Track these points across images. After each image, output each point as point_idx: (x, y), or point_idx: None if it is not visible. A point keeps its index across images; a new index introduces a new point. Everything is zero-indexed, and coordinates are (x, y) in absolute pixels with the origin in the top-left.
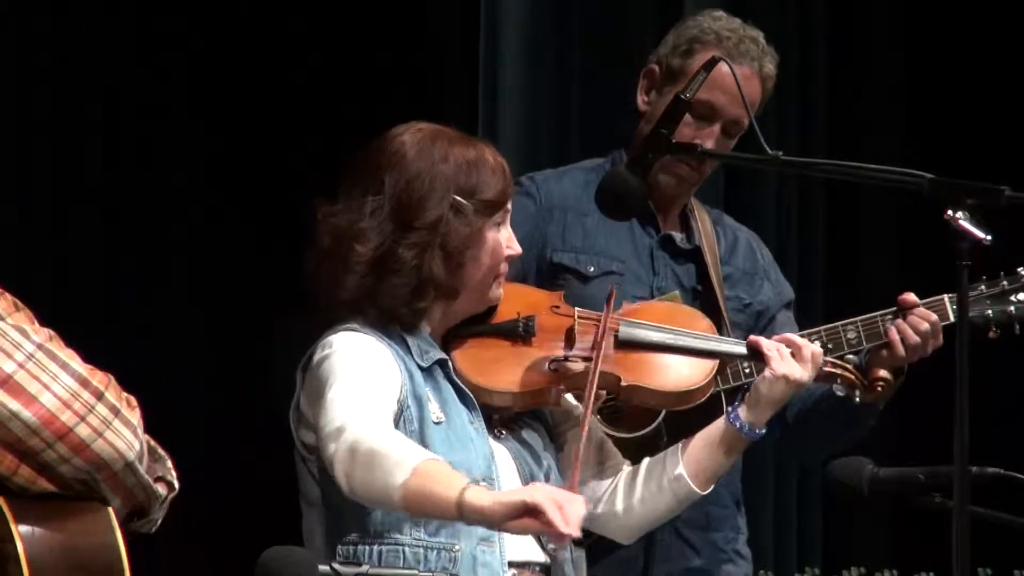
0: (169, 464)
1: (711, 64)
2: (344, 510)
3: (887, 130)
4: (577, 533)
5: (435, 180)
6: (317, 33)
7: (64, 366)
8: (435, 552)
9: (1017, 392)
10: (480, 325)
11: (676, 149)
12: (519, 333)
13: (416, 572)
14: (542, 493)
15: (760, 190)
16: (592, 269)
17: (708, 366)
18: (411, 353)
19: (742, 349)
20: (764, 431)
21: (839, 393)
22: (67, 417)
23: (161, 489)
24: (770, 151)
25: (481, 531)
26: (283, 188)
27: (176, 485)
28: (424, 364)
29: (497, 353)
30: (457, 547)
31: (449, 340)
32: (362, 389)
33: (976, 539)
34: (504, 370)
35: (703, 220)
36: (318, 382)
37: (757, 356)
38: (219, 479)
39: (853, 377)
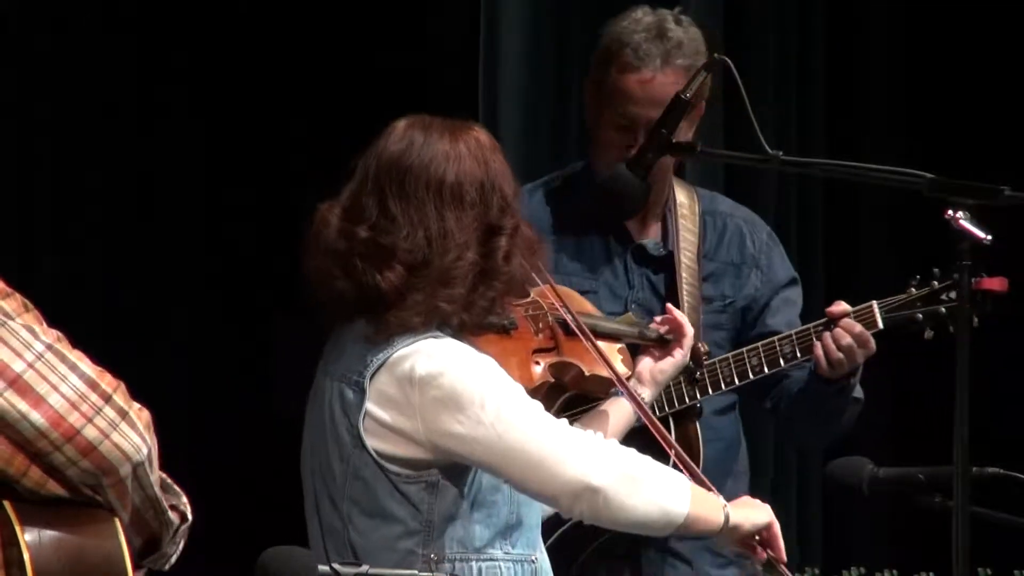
0: (184, 498)
1: (711, 64)
2: (445, 528)
3: (887, 130)
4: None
5: (499, 181)
6: (317, 33)
7: (73, 367)
8: (521, 564)
9: (1017, 392)
10: None
11: (676, 148)
12: (505, 327)
13: (415, 573)
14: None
15: (760, 190)
16: None
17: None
18: None
19: (653, 334)
20: None
21: None
22: (74, 419)
23: (174, 516)
24: (770, 151)
25: (539, 539)
26: (283, 188)
27: (189, 517)
28: None
29: (497, 350)
30: (534, 557)
31: None
32: (542, 409)
33: (976, 539)
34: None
35: (686, 216)
36: (447, 395)
37: (665, 340)
38: (218, 479)
39: None
